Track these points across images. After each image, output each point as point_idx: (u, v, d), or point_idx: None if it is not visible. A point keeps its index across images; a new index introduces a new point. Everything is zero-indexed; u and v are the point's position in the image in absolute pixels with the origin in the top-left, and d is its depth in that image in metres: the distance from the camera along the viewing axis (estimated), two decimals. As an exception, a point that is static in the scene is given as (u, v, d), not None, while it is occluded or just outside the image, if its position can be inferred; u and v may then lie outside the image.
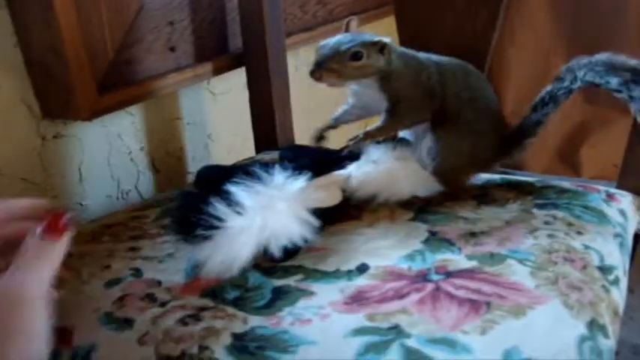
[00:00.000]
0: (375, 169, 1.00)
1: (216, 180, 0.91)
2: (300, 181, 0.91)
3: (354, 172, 1.00)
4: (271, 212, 0.86)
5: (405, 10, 1.20)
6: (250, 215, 0.85)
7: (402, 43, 1.22)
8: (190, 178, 1.36)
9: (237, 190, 0.87)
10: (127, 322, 0.77)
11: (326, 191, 0.95)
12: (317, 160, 1.01)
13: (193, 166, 1.37)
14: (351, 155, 1.02)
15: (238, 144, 1.47)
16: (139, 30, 1.09)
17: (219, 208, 0.84)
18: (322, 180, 0.96)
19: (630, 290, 1.79)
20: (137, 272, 0.86)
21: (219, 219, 0.84)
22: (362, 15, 1.72)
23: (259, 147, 1.32)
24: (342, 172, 1.00)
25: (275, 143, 1.28)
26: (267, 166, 0.95)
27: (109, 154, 1.17)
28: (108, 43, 1.02)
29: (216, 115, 1.40)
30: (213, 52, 1.26)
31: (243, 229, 0.83)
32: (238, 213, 0.85)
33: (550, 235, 0.90)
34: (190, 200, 0.91)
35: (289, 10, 1.44)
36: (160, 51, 1.14)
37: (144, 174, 1.26)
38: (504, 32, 2.02)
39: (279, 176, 0.91)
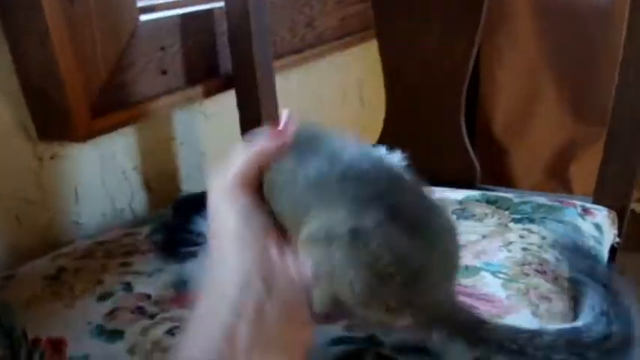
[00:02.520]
0: None
1: (194, 207, 0.94)
2: None
3: None
4: None
5: (386, 35, 1.24)
6: None
7: (385, 66, 1.26)
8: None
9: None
10: (118, 334, 0.80)
11: None
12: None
13: (187, 185, 1.40)
14: None
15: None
16: (132, 54, 1.12)
17: (200, 226, 0.88)
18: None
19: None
20: (128, 286, 0.89)
21: (201, 236, 0.87)
22: (348, 38, 1.76)
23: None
24: None
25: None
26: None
27: (103, 174, 1.20)
28: (101, 67, 1.05)
29: (209, 135, 1.43)
30: (204, 75, 1.29)
31: None
32: None
33: (524, 249, 0.93)
34: (172, 223, 0.94)
35: (278, 33, 1.47)
36: (152, 74, 1.17)
37: (138, 193, 1.29)
38: (492, 54, 2.06)
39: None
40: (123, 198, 1.26)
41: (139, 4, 1.15)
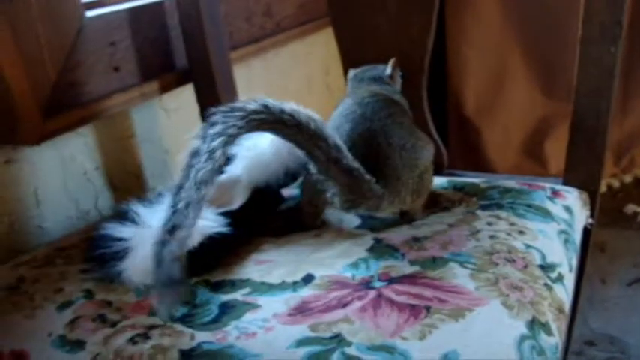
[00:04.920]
0: (251, 157, 1.02)
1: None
2: None
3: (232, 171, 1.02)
4: None
5: (341, 18, 1.21)
6: (150, 227, 0.88)
7: (342, 51, 1.23)
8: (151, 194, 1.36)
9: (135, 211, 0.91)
10: (79, 344, 0.77)
11: (220, 197, 0.97)
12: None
13: (153, 183, 1.37)
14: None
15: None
16: (80, 52, 1.09)
17: (117, 230, 0.88)
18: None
19: (602, 281, 1.83)
20: (89, 294, 0.87)
21: (120, 239, 0.87)
22: (308, 25, 1.73)
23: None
24: (223, 176, 1.01)
25: (230, 155, 1.29)
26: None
27: (64, 176, 1.17)
28: (49, 67, 1.02)
29: (172, 131, 1.41)
30: (159, 70, 1.26)
31: (145, 236, 0.86)
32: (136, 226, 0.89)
33: (492, 237, 0.91)
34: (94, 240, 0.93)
35: (235, 24, 1.44)
36: (104, 71, 1.14)
37: (102, 193, 1.26)
38: (458, 33, 2.04)
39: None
40: (87, 199, 1.23)
41: (85, 0, 1.12)
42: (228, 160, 1.02)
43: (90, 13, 1.12)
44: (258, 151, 1.02)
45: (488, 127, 2.25)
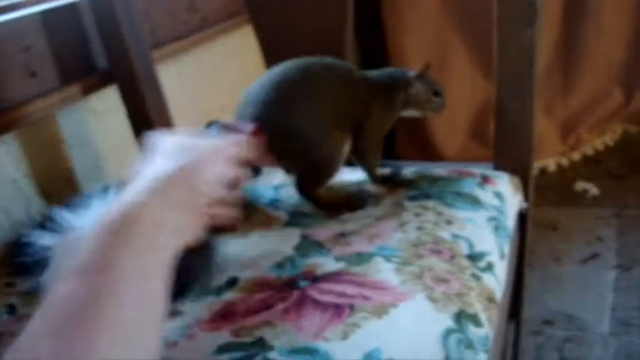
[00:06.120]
0: None
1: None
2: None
3: None
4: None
5: (258, 14, 1.19)
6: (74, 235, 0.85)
7: (263, 45, 1.21)
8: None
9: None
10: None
11: None
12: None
13: (86, 187, 1.34)
14: None
15: (130, 160, 1.44)
16: (-8, 58, 1.06)
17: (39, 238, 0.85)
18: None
19: (556, 260, 1.84)
20: (11, 309, 0.84)
21: (42, 248, 0.84)
22: (238, 18, 1.70)
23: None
24: None
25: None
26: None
27: (-9, 186, 1.14)
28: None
29: (102, 133, 1.37)
30: (80, 73, 1.23)
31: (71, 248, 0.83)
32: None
33: (419, 228, 0.89)
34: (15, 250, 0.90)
35: (156, 20, 1.41)
36: (20, 77, 1.11)
37: (33, 201, 1.23)
38: (395, 21, 2.02)
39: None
40: (18, 208, 1.20)
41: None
42: None
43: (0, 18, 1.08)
44: None
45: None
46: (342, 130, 0.96)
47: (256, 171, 0.96)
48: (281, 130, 0.91)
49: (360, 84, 0.99)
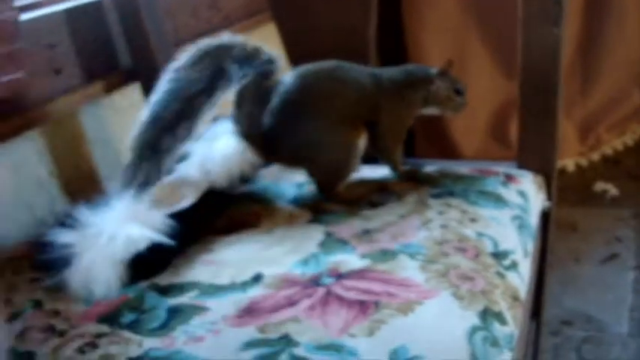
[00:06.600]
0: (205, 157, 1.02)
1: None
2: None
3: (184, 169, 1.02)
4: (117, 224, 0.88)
5: (281, 11, 1.19)
6: (95, 232, 0.87)
7: (285, 43, 1.21)
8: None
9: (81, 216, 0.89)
10: (30, 356, 0.76)
11: (169, 196, 0.96)
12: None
13: (109, 185, 1.35)
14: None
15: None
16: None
17: (62, 236, 0.87)
18: (161, 188, 0.97)
19: (575, 260, 1.83)
20: (37, 304, 0.85)
21: (66, 246, 0.86)
22: (259, 16, 1.70)
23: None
24: (174, 175, 1.01)
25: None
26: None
27: (16, 182, 1.14)
28: (-15, 72, 1.00)
29: (123, 130, 1.38)
30: (103, 71, 1.24)
31: (92, 245, 0.85)
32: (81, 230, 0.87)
33: (443, 226, 0.90)
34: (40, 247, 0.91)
35: (180, 19, 1.41)
36: (45, 75, 1.12)
37: (58, 199, 1.24)
38: (414, 18, 2.02)
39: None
40: (42, 205, 1.21)
41: (20, 3, 1.09)
42: (181, 158, 1.01)
43: (24, 16, 1.09)
44: (212, 151, 1.01)
45: (453, 112, 2.23)
46: (352, 128, 1.00)
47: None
48: (290, 149, 1.00)
49: (367, 82, 1.01)
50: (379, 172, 1.07)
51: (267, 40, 1.82)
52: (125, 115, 1.37)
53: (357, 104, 0.99)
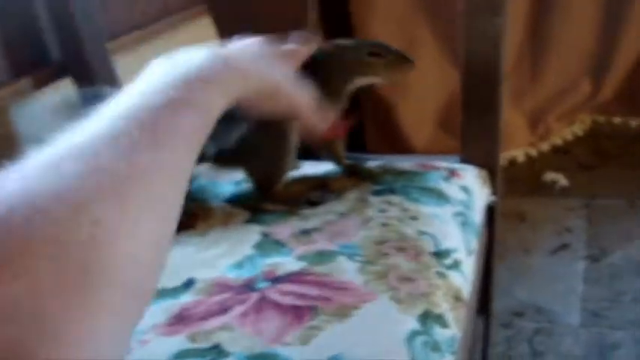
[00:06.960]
0: None
1: None
2: None
3: None
4: None
5: (216, 2, 1.15)
6: None
7: (221, 36, 1.17)
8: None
9: None
10: None
11: None
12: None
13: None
14: None
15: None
16: None
17: None
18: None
19: (525, 251, 1.82)
20: None
21: None
22: (195, 9, 1.64)
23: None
24: None
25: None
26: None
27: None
28: None
29: (56, 127, 1.33)
30: (31, 66, 1.18)
31: None
32: None
33: (383, 224, 0.86)
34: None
35: (112, 10, 1.35)
36: (-33, 69, 1.06)
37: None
38: (363, 5, 1.98)
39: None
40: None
41: None
42: None
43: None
44: None
45: (403, 104, 2.21)
46: (283, 122, 0.92)
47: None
48: (223, 150, 0.94)
49: None
50: (321, 168, 1.03)
51: (205, 32, 1.79)
52: (56, 111, 1.32)
53: None
